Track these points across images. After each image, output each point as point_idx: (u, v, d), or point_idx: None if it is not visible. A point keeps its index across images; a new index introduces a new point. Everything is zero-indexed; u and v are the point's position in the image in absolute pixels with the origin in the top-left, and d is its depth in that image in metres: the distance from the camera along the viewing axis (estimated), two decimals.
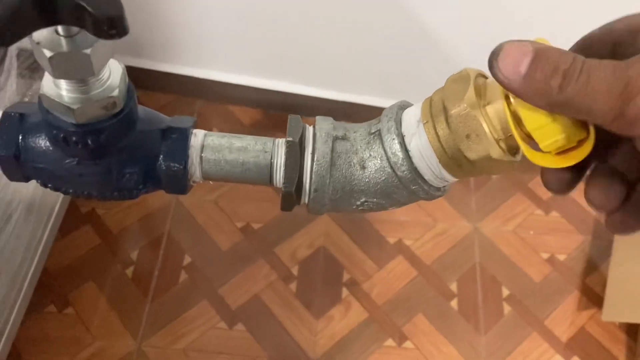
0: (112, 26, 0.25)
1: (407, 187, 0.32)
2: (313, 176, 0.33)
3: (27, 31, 0.25)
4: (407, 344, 1.24)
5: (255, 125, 1.53)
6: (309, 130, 0.34)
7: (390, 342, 1.24)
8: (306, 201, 0.34)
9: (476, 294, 1.33)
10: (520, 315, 1.30)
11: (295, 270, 1.31)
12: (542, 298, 1.33)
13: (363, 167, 0.33)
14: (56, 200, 1.08)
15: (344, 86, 1.49)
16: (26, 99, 0.92)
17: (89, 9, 0.24)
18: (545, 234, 1.42)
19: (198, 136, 0.34)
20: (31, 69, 0.93)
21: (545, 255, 1.38)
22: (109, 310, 1.22)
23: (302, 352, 1.21)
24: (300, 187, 0.33)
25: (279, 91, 1.52)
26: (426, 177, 0.32)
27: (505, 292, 1.34)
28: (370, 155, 0.33)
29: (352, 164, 0.33)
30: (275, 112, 1.55)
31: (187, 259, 1.31)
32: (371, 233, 1.38)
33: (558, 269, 1.37)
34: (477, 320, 1.29)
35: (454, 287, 1.33)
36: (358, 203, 0.33)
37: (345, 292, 1.29)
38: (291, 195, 0.33)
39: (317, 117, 0.35)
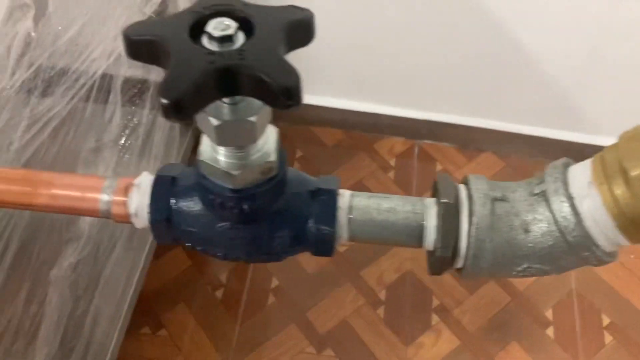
0: (290, 97, 0.24)
1: (577, 253, 0.30)
2: (472, 240, 0.31)
3: (207, 103, 0.25)
4: None
5: (338, 146, 1.53)
6: (461, 189, 0.33)
7: None
8: (460, 265, 0.32)
9: (574, 322, 1.26)
10: (623, 345, 1.22)
11: (382, 295, 1.29)
12: None
13: (526, 231, 0.31)
14: None
15: (426, 105, 1.46)
16: (127, 131, 0.95)
17: (268, 80, 0.24)
18: None
19: (345, 197, 0.33)
20: (132, 101, 0.96)
21: None
22: (200, 332, 1.24)
23: None
24: (455, 251, 0.32)
25: (360, 111, 1.51)
26: (599, 242, 0.30)
27: (606, 320, 1.26)
28: (534, 218, 0.30)
29: (513, 227, 0.31)
30: (357, 132, 1.54)
31: (274, 282, 1.31)
32: None
33: None
34: (575, 350, 1.22)
35: (549, 314, 1.27)
36: (519, 269, 0.31)
37: (435, 318, 1.26)
38: (447, 260, 0.31)
39: (470, 176, 0.33)
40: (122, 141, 0.92)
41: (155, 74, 1.00)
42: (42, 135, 0.69)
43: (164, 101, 0.23)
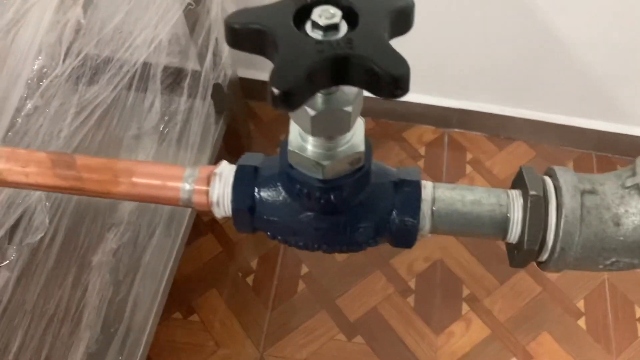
0: (398, 86, 0.24)
1: None
2: (561, 233, 0.30)
3: (314, 92, 0.25)
4: None
5: (367, 135, 1.51)
6: (548, 182, 0.32)
7: None
8: (544, 259, 0.32)
9: (606, 313, 1.25)
10: None
11: (412, 284, 1.29)
12: None
13: (617, 224, 0.30)
14: (187, 210, 1.11)
15: (456, 93, 1.45)
16: (166, 118, 0.95)
17: (379, 70, 0.24)
18: None
19: (428, 188, 0.33)
20: (170, 89, 0.96)
21: None
22: (231, 318, 1.25)
23: None
24: (542, 244, 0.31)
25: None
26: None
27: (639, 312, 1.25)
28: (626, 211, 0.30)
29: (603, 220, 0.30)
30: (386, 120, 1.53)
31: (304, 269, 1.31)
32: (490, 247, 1.33)
33: None
34: (608, 341, 1.22)
35: (581, 304, 1.26)
36: (607, 262, 0.31)
37: (465, 307, 1.25)
38: (533, 253, 0.31)
39: (556, 168, 0.33)
40: (161, 128, 0.92)
41: (192, 63, 1.00)
42: (89, 123, 0.70)
43: (276, 91, 0.23)
